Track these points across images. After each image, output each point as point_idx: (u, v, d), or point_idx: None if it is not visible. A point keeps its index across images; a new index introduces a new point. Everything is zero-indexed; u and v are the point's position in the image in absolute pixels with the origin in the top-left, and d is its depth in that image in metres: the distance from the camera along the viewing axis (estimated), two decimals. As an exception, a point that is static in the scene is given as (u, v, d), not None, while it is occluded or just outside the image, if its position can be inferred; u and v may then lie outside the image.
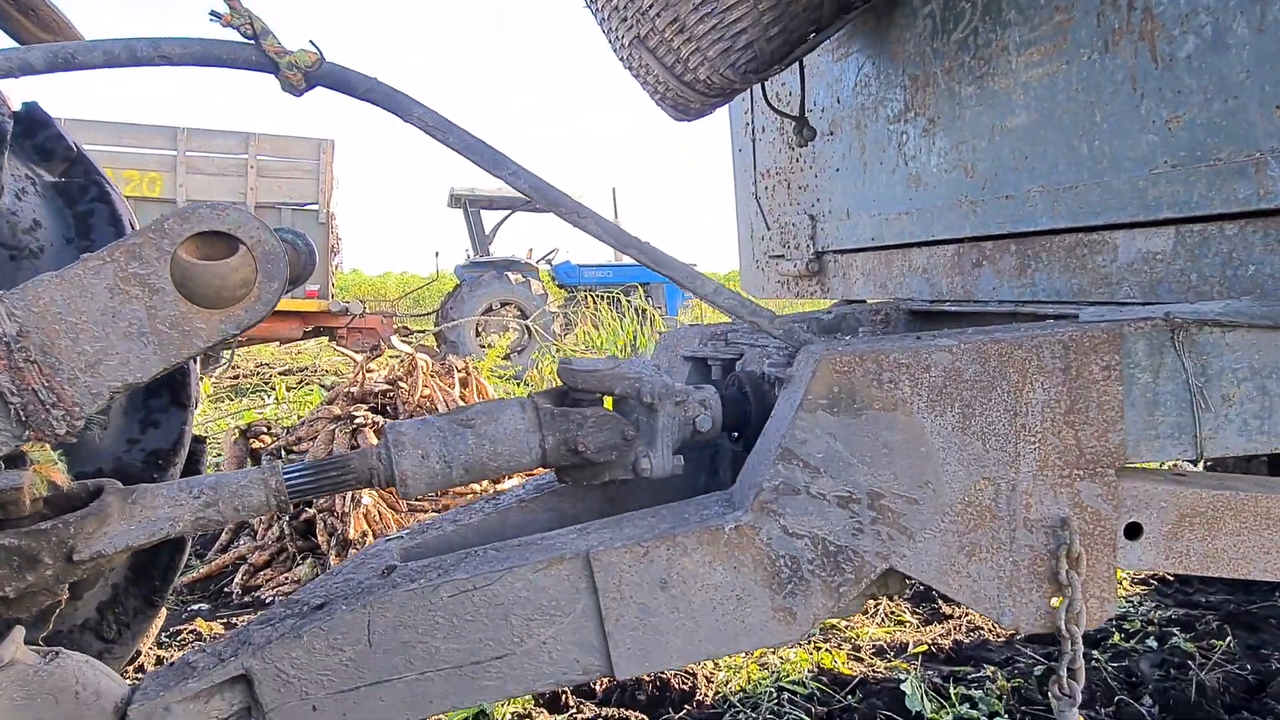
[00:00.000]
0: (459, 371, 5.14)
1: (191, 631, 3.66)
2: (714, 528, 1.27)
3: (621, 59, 2.23)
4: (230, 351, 12.83)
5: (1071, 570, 1.26)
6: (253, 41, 1.09)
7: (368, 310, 12.99)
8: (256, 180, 11.47)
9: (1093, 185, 1.61)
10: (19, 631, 1.24)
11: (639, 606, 1.28)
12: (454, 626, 1.28)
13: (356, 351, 8.20)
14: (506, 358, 11.59)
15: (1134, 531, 1.31)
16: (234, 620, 3.83)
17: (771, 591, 1.28)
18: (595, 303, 13.00)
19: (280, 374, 15.56)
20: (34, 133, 2.18)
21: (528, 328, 12.73)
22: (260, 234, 0.96)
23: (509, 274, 13.25)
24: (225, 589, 4.15)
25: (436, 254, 21.96)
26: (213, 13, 1.06)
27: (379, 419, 4.51)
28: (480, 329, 12.85)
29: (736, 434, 1.64)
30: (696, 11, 1.94)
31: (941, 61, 2.00)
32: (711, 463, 1.82)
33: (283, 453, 4.51)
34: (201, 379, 11.18)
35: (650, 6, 1.98)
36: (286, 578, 4.22)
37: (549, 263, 14.63)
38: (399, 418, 4.71)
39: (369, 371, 4.89)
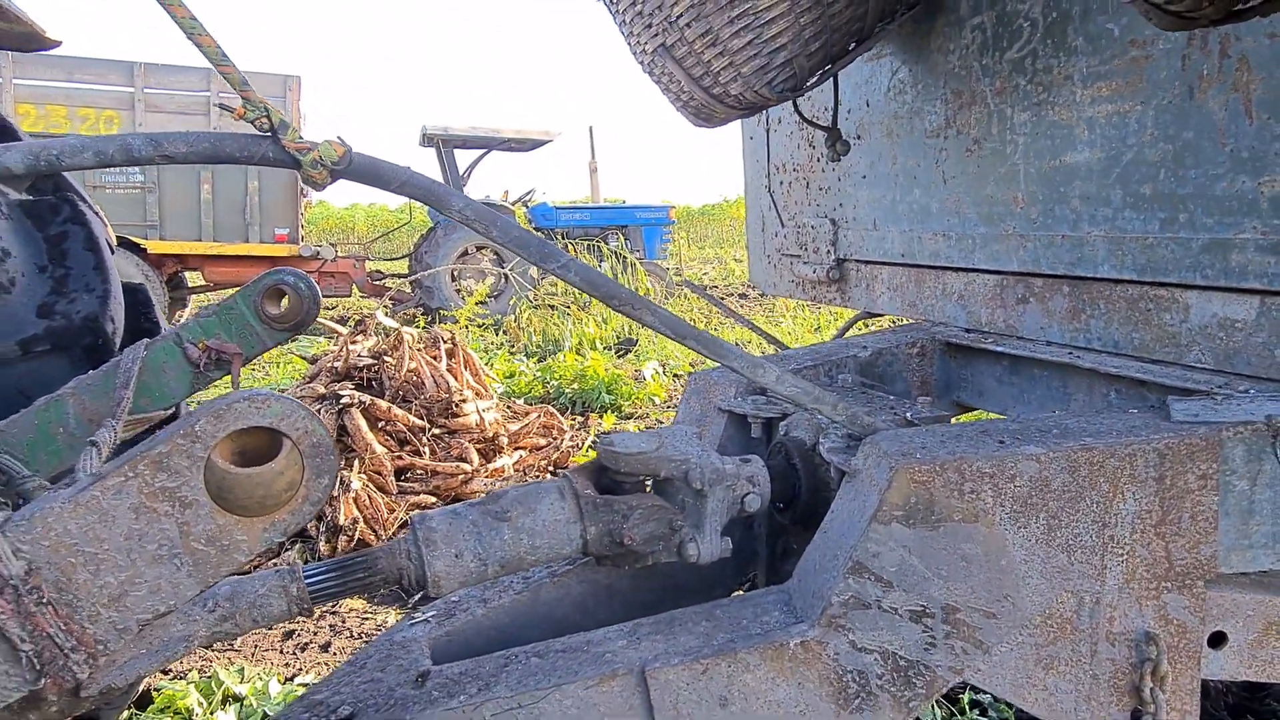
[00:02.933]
0: (445, 343, 4.99)
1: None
2: (778, 644, 1.18)
3: (641, 64, 2.06)
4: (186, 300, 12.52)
5: (1156, 688, 1.19)
6: (269, 135, 0.94)
7: (339, 254, 12.65)
8: (218, 120, 10.99)
9: (1165, 240, 1.51)
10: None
11: (696, 725, 1.19)
12: (498, 747, 1.19)
13: (338, 321, 7.96)
14: (482, 303, 11.39)
15: (1218, 640, 1.24)
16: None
17: (838, 707, 1.20)
18: (574, 248, 12.77)
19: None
20: (-4, 145, 1.97)
21: (505, 274, 12.49)
22: (307, 424, 0.83)
23: (484, 217, 12.92)
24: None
25: (409, 193, 21.22)
26: (221, 105, 0.91)
27: (365, 397, 4.37)
28: (456, 274, 12.60)
29: (783, 505, 1.55)
30: (732, 25, 1.77)
31: (991, 81, 1.86)
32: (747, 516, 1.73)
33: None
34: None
35: (680, 16, 1.81)
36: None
37: (525, 205, 14.30)
38: (385, 394, 4.58)
39: (353, 344, 4.72)
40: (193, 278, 12.29)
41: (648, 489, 1.42)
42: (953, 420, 1.63)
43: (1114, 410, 1.32)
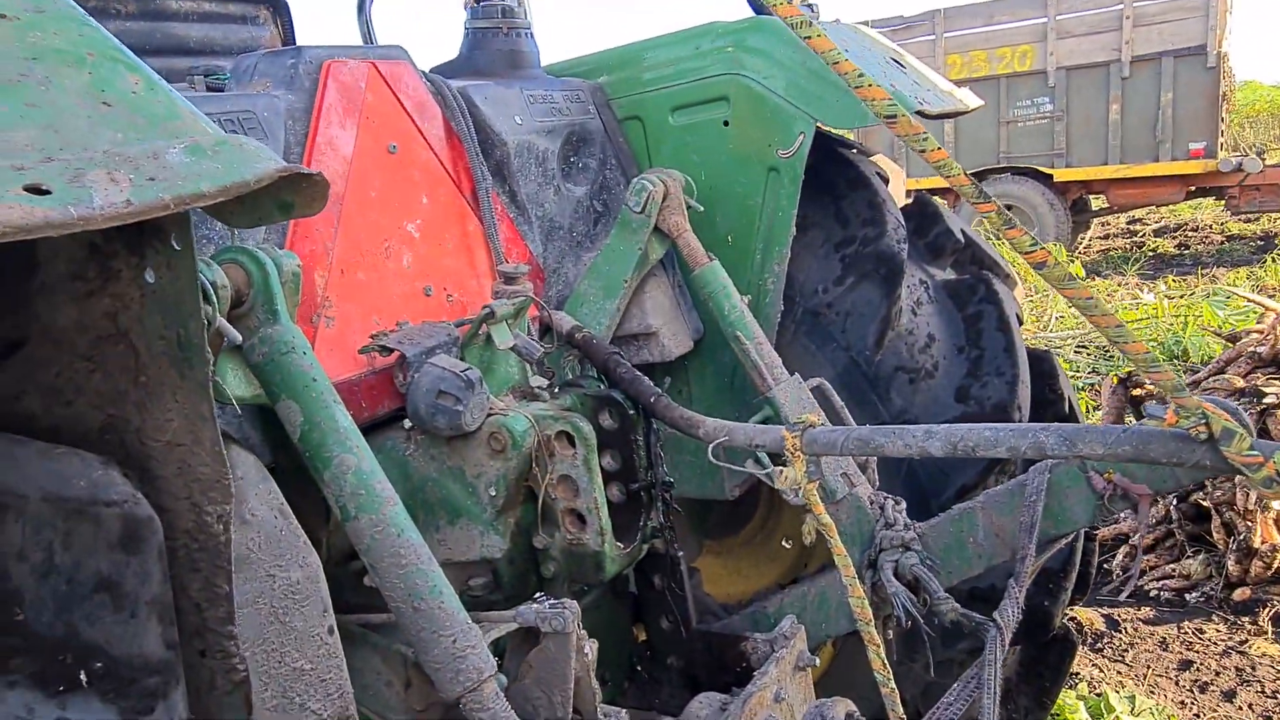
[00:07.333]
0: None
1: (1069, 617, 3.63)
2: None
3: None
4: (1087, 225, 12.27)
5: None
6: (1205, 441, 0.78)
7: (1266, 164, 10.78)
8: (1132, 32, 10.29)
9: None
10: None
11: None
12: None
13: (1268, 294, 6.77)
14: None
15: None
16: (1113, 615, 3.66)
17: None
18: None
19: (1154, 234, 14.30)
20: (925, 229, 2.16)
21: None
22: None
23: None
24: (1104, 566, 3.99)
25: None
26: (1150, 414, 0.79)
27: (1296, 395, 3.66)
28: None
29: None
30: None
31: None
32: None
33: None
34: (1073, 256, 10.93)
35: None
36: (1173, 569, 3.85)
37: None
38: (1325, 389, 3.75)
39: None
40: (1096, 201, 12.07)
41: None
42: None
43: None
